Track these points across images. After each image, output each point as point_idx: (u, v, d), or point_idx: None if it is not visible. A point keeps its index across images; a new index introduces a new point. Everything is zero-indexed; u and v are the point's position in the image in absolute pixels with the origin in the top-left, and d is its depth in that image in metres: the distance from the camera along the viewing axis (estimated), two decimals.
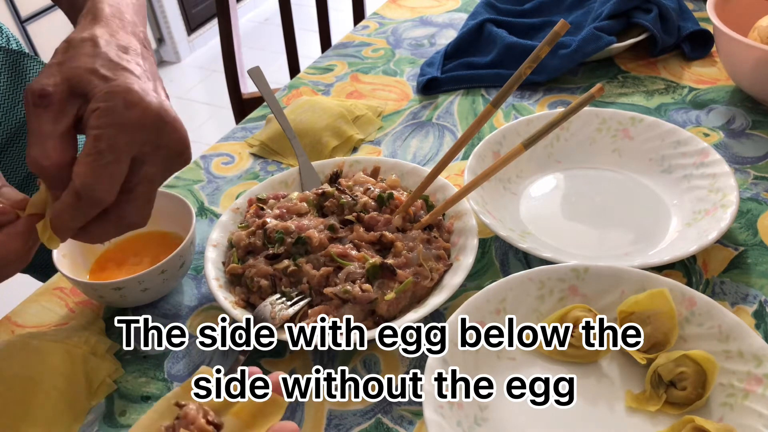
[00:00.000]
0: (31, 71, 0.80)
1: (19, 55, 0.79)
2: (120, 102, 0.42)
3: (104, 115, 0.42)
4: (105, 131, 0.42)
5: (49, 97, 0.43)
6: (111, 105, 0.42)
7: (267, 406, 0.41)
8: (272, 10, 3.46)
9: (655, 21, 0.93)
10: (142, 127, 0.42)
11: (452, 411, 0.50)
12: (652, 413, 0.52)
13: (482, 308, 0.56)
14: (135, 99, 0.42)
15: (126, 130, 0.42)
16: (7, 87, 0.77)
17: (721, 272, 0.64)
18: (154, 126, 0.43)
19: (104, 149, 0.42)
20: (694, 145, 0.72)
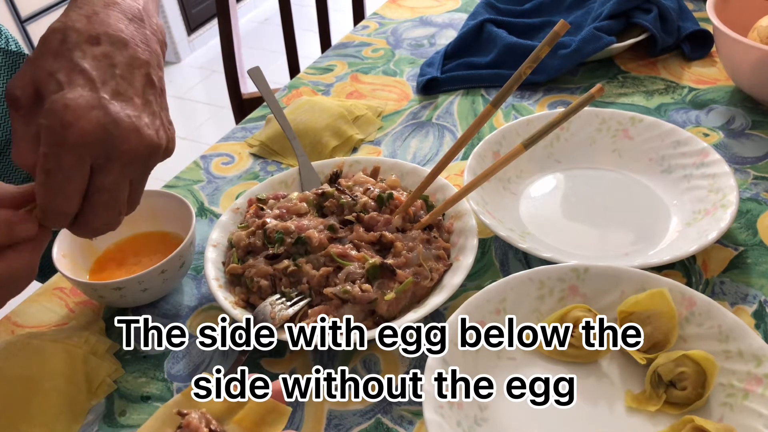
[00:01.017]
0: None
1: (19, 57, 0.79)
2: (57, 122, 0.41)
3: (46, 134, 0.41)
4: (49, 150, 0.41)
5: (18, 101, 0.43)
6: (50, 124, 0.41)
7: (270, 413, 0.41)
8: (272, 10, 3.46)
9: (655, 21, 0.93)
10: (83, 145, 0.41)
11: (452, 411, 0.50)
12: (652, 413, 0.52)
13: (482, 308, 0.56)
14: (71, 119, 0.41)
15: (68, 149, 0.41)
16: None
17: (721, 272, 0.64)
18: (99, 141, 0.42)
19: (52, 168, 0.42)
20: (693, 145, 0.72)
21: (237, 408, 0.41)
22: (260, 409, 0.41)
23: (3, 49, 0.78)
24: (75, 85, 0.42)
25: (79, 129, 0.41)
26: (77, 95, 0.42)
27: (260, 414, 0.41)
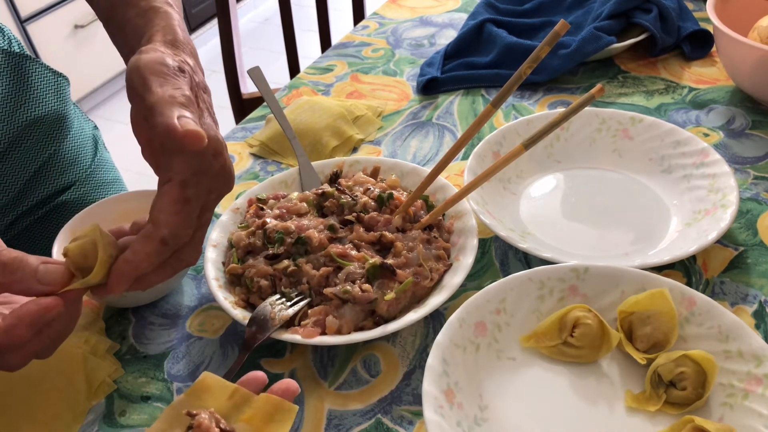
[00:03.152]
0: (34, 74, 0.80)
1: (21, 58, 0.79)
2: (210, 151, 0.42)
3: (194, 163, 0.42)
4: (192, 179, 0.42)
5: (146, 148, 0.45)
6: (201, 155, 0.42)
7: (277, 412, 0.41)
8: (272, 10, 3.46)
9: (655, 21, 0.93)
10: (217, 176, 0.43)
11: (452, 411, 0.50)
12: (652, 413, 0.52)
13: (482, 308, 0.56)
14: (221, 148, 0.43)
15: (211, 178, 0.43)
16: (9, 90, 0.77)
17: (721, 272, 0.64)
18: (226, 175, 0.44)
19: (190, 198, 0.42)
20: (693, 145, 0.72)
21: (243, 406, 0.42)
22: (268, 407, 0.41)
23: (6, 51, 0.78)
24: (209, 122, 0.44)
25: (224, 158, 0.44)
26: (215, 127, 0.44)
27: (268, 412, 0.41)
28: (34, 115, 0.80)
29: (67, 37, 2.46)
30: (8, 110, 0.77)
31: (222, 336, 0.62)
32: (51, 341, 0.45)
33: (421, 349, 0.60)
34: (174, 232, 0.43)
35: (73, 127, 0.87)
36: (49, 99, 0.83)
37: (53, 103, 0.83)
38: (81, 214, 0.67)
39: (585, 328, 0.55)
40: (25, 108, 0.79)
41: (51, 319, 0.42)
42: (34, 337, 0.42)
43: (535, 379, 0.55)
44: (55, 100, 0.83)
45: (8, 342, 0.41)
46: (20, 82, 0.80)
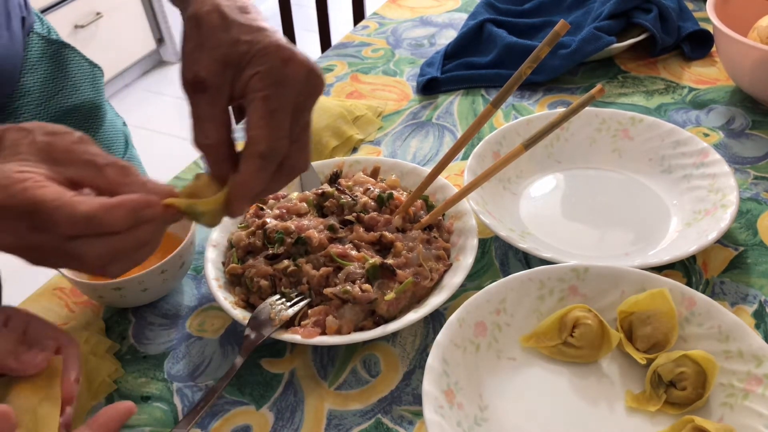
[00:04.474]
0: (71, 62, 0.81)
1: (60, 45, 0.80)
2: (277, 60, 0.43)
3: (267, 76, 0.43)
4: (272, 91, 0.43)
5: (204, 83, 0.44)
6: (270, 65, 0.43)
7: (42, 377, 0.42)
8: (272, 10, 3.46)
9: (655, 21, 0.93)
10: (299, 80, 0.44)
11: (452, 411, 0.50)
12: (652, 413, 0.52)
13: (482, 308, 0.56)
14: (288, 54, 0.44)
15: (289, 84, 0.44)
16: (49, 75, 0.77)
17: (721, 272, 0.64)
18: (307, 75, 0.44)
19: (276, 108, 0.43)
20: (693, 145, 0.72)
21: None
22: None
23: (46, 37, 0.79)
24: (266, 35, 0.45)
25: (296, 62, 0.44)
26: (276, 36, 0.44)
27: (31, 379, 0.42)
28: (70, 102, 0.80)
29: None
30: (46, 96, 0.78)
31: (222, 336, 0.62)
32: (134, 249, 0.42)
33: (421, 349, 0.60)
34: (270, 144, 0.43)
35: (106, 119, 0.87)
36: (85, 88, 0.83)
37: (89, 93, 0.83)
38: None
39: (585, 328, 0.55)
40: (63, 95, 0.79)
41: (149, 217, 0.41)
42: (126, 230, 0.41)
43: (535, 379, 0.55)
44: (91, 89, 0.84)
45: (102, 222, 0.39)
46: (59, 69, 0.80)
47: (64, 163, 0.42)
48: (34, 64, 0.78)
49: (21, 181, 0.39)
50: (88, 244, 0.40)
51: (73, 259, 0.41)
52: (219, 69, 0.44)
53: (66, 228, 0.39)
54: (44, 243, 0.40)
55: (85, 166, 0.42)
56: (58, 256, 0.41)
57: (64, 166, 0.42)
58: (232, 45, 0.44)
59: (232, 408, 0.56)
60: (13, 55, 0.75)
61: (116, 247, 0.41)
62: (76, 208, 0.39)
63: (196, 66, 0.44)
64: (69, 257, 0.41)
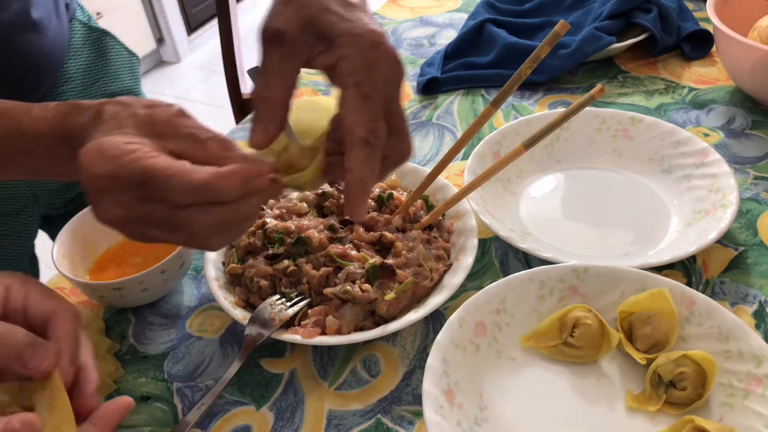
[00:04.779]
0: (112, 50, 0.81)
1: (102, 33, 0.80)
2: (366, 44, 0.42)
3: (356, 60, 0.42)
4: (362, 76, 0.42)
5: (283, 36, 0.43)
6: (359, 49, 0.42)
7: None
8: None
9: (655, 21, 0.93)
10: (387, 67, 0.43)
11: (452, 411, 0.50)
12: (652, 413, 0.52)
13: (482, 308, 0.56)
14: (377, 38, 0.42)
15: (378, 69, 0.42)
16: (90, 62, 0.78)
17: (721, 272, 0.64)
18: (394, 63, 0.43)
19: (368, 93, 0.42)
20: (693, 145, 0.72)
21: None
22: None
23: (88, 24, 0.79)
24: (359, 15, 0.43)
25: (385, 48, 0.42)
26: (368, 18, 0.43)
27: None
28: (110, 90, 0.80)
29: None
30: (87, 83, 0.78)
31: (222, 336, 0.62)
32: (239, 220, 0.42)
33: (421, 349, 0.60)
34: (369, 128, 0.42)
35: None
36: (124, 77, 0.83)
37: (127, 81, 0.84)
38: (81, 215, 0.67)
39: (585, 328, 0.55)
40: (103, 82, 0.80)
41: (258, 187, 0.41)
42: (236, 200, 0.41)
43: (535, 379, 0.55)
44: (129, 78, 0.84)
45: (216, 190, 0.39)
46: (99, 56, 0.81)
47: (165, 136, 0.42)
48: (77, 51, 0.79)
49: (131, 152, 0.39)
50: (198, 213, 0.40)
51: (180, 230, 0.41)
52: (301, 28, 0.43)
53: (179, 196, 0.39)
54: (153, 213, 0.40)
55: (186, 139, 0.42)
56: (166, 227, 0.41)
57: (165, 139, 0.42)
58: (322, 11, 0.43)
59: (232, 408, 0.56)
60: (60, 42, 0.76)
61: (225, 217, 0.41)
62: (190, 175, 0.39)
63: (279, 18, 0.43)
64: (176, 227, 0.40)
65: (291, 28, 0.43)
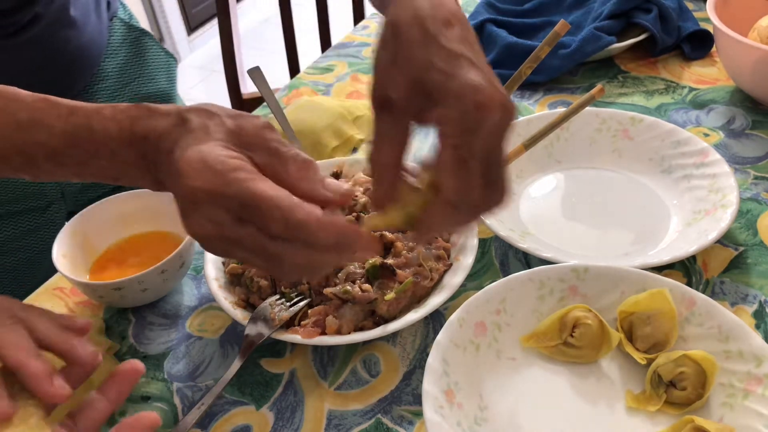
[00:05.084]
0: (150, 50, 0.81)
1: (141, 33, 0.80)
2: (470, 106, 0.39)
3: (458, 122, 0.40)
4: (463, 140, 0.40)
5: (392, 103, 0.42)
6: (462, 111, 0.40)
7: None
8: (272, 10, 3.46)
9: (655, 21, 0.93)
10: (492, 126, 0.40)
11: (452, 411, 0.50)
12: (652, 413, 0.52)
13: (482, 308, 0.56)
14: (482, 99, 0.39)
15: (481, 131, 0.40)
16: (127, 61, 0.78)
17: (721, 272, 0.64)
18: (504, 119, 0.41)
19: (467, 157, 0.40)
20: (693, 145, 0.72)
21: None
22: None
23: (128, 23, 0.79)
24: (464, 70, 0.40)
25: (491, 108, 0.39)
26: (473, 74, 0.40)
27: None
28: (144, 91, 0.80)
29: None
30: (122, 82, 0.79)
31: (222, 336, 0.62)
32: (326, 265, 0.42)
33: (421, 349, 0.60)
34: (461, 196, 0.41)
35: None
36: (160, 78, 0.83)
37: (163, 83, 0.84)
38: (80, 215, 0.67)
39: (585, 328, 0.55)
40: (138, 83, 0.80)
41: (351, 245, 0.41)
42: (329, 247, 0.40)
43: (535, 379, 0.55)
44: (165, 79, 0.84)
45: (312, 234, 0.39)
46: (137, 56, 0.81)
47: (252, 148, 0.42)
48: (115, 50, 0.79)
49: (235, 169, 0.39)
50: (289, 248, 0.40)
51: (267, 259, 0.40)
52: (410, 93, 0.42)
53: (277, 228, 0.39)
54: (246, 237, 0.40)
55: (270, 154, 0.42)
56: (254, 252, 0.40)
57: (252, 150, 0.42)
58: (427, 69, 0.41)
59: (232, 408, 0.56)
60: (98, 40, 0.76)
61: (313, 259, 0.41)
62: (293, 212, 0.39)
63: (388, 85, 0.42)
64: (264, 256, 0.40)
65: (400, 95, 0.42)
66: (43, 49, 0.70)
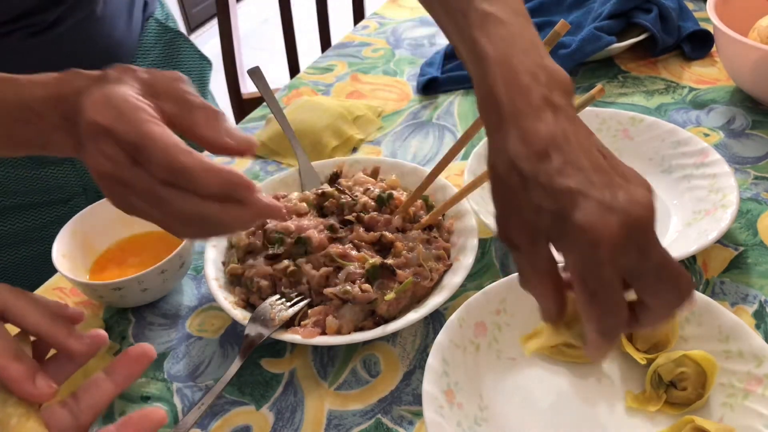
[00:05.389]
0: (183, 53, 0.81)
1: (176, 34, 0.80)
2: (584, 246, 0.38)
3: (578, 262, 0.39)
4: (587, 275, 0.39)
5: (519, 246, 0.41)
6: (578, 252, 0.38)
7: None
8: (272, 10, 3.46)
9: (655, 21, 0.93)
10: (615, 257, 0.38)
11: (452, 411, 0.50)
12: (652, 413, 0.52)
13: (482, 308, 0.56)
14: (594, 237, 0.37)
15: (604, 265, 0.38)
16: (159, 61, 0.78)
17: (721, 272, 0.64)
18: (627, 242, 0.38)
19: (596, 289, 0.39)
20: (694, 145, 0.72)
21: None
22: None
23: (164, 24, 0.79)
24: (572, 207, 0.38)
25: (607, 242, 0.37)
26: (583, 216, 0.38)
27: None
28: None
29: None
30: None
31: (222, 336, 0.62)
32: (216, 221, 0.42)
33: (421, 349, 0.60)
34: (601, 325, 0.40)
35: None
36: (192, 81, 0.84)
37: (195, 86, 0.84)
38: (80, 215, 0.67)
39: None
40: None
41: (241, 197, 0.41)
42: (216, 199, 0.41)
43: (535, 379, 0.55)
44: (198, 83, 0.84)
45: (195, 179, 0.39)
46: (169, 57, 0.81)
47: (161, 98, 0.43)
48: (147, 50, 0.79)
49: (136, 110, 0.41)
50: (177, 196, 0.40)
51: (157, 206, 0.41)
52: (529, 239, 0.41)
53: (162, 171, 0.40)
54: (139, 179, 0.40)
55: (179, 103, 0.43)
56: (146, 198, 0.41)
57: (161, 100, 0.43)
58: (536, 212, 0.40)
59: (232, 408, 0.56)
60: (129, 40, 0.77)
61: (201, 208, 0.41)
62: (177, 154, 0.39)
63: (507, 229, 0.41)
64: (155, 202, 0.41)
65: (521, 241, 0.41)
66: (70, 47, 0.71)
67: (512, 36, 0.45)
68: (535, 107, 0.41)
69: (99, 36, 0.73)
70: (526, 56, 0.43)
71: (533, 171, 0.39)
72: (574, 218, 0.38)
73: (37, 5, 0.70)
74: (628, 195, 0.39)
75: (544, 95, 0.41)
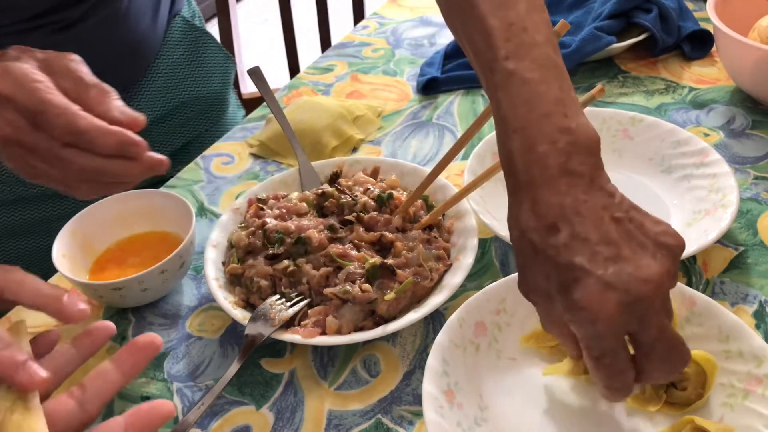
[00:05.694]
0: (208, 51, 0.82)
1: (201, 33, 0.81)
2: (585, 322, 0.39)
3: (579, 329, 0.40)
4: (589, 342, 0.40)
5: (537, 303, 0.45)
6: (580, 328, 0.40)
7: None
8: (272, 10, 3.46)
9: (655, 21, 0.93)
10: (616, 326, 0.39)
11: (452, 411, 0.50)
12: (652, 413, 0.52)
13: (482, 308, 0.56)
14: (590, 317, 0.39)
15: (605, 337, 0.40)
16: (183, 59, 0.78)
17: (721, 272, 0.64)
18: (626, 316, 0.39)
19: (599, 355, 0.40)
20: (694, 145, 0.72)
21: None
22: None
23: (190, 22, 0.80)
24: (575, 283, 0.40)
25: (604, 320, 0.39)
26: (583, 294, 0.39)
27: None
28: (197, 92, 0.81)
29: None
30: (176, 81, 0.80)
31: (222, 336, 0.62)
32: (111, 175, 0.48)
33: (421, 349, 0.60)
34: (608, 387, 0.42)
35: (227, 112, 0.87)
36: (215, 80, 0.84)
37: (216, 84, 0.84)
38: (80, 215, 0.67)
39: None
40: (191, 82, 0.81)
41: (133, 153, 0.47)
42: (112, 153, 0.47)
43: (535, 379, 0.55)
44: (220, 81, 0.84)
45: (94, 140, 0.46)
46: (193, 55, 0.81)
47: (57, 75, 0.48)
48: (172, 47, 0.80)
49: (35, 81, 0.46)
50: (77, 155, 0.46)
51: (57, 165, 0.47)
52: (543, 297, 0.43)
53: (63, 134, 0.45)
54: (40, 142, 0.46)
55: (74, 81, 0.49)
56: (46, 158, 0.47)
57: (57, 76, 0.48)
58: (546, 279, 0.41)
59: (232, 408, 0.56)
60: (153, 37, 0.78)
61: (98, 166, 0.47)
62: (77, 119, 0.45)
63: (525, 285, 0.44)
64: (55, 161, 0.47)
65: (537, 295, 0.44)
66: (95, 43, 0.72)
67: (536, 97, 0.44)
68: (548, 177, 0.42)
69: (124, 32, 0.74)
70: (547, 120, 0.44)
71: (542, 244, 0.41)
72: (574, 295, 0.40)
73: (63, 2, 0.71)
74: (634, 269, 0.40)
75: (561, 164, 0.43)
